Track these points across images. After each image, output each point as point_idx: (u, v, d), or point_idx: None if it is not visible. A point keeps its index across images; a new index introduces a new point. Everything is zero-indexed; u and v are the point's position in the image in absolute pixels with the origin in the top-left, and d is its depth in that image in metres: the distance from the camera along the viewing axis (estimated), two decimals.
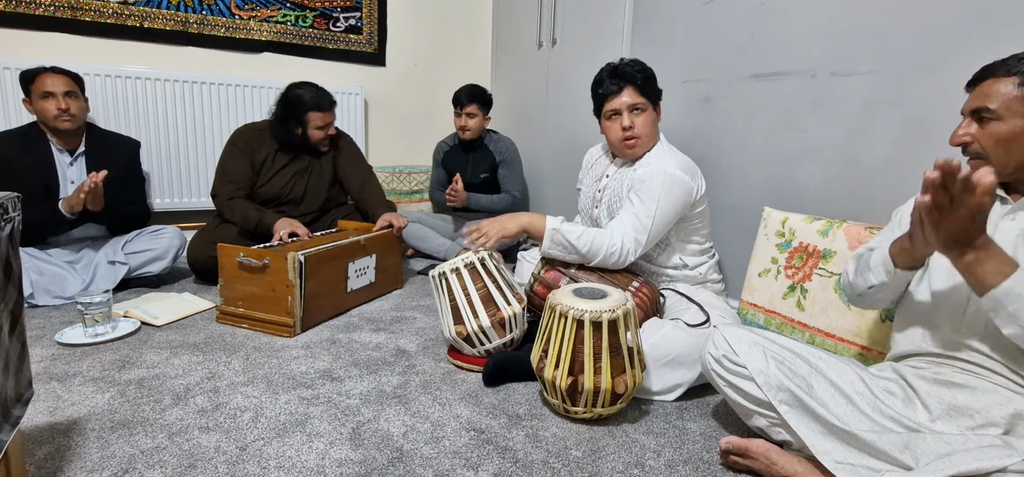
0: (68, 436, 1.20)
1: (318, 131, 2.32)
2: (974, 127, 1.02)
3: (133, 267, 2.16)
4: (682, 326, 1.47)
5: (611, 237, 1.61)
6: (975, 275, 0.90)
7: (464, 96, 2.85)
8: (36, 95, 2.06)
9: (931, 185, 0.86)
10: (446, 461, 1.16)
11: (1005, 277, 0.88)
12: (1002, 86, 0.98)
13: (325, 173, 2.46)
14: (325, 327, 1.89)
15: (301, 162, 2.40)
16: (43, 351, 1.61)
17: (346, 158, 2.50)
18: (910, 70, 1.46)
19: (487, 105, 2.92)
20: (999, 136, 0.98)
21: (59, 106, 2.05)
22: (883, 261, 1.10)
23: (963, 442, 0.93)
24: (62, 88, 2.07)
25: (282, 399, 1.39)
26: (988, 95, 1.00)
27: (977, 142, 1.01)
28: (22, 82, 2.09)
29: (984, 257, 0.89)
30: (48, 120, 2.07)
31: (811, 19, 1.70)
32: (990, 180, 0.83)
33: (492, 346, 1.58)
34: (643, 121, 1.67)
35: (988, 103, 0.99)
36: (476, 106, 2.86)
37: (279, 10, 2.93)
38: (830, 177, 1.68)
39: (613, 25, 2.46)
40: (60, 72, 2.10)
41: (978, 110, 1.01)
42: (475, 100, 2.85)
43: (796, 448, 1.11)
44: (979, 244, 0.89)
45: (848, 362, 1.15)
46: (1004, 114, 0.97)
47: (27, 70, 2.09)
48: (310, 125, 2.30)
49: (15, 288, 0.89)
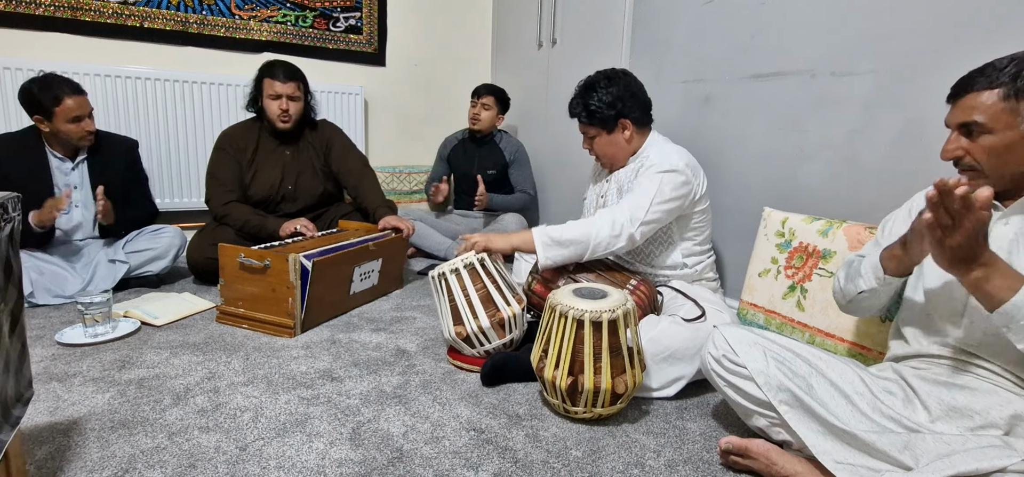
0: (68, 436, 1.20)
1: (272, 101, 2.28)
2: (964, 141, 1.01)
3: (133, 266, 2.16)
4: (679, 321, 1.47)
5: (602, 216, 1.62)
6: (984, 291, 0.90)
7: (483, 88, 2.94)
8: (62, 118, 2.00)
9: (930, 205, 0.86)
10: (446, 461, 1.16)
11: (1014, 292, 0.87)
12: (986, 98, 0.96)
13: (315, 166, 2.43)
14: (325, 327, 1.89)
15: (284, 154, 2.38)
16: (43, 351, 1.62)
17: (337, 149, 2.47)
18: (910, 70, 1.46)
19: (503, 103, 2.98)
20: (992, 148, 0.97)
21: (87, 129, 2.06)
22: (873, 267, 1.12)
23: (963, 443, 0.93)
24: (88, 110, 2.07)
25: (282, 399, 1.39)
26: (974, 108, 0.98)
27: (970, 155, 1.00)
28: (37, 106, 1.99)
29: (991, 273, 0.88)
30: (71, 140, 2.06)
31: (811, 19, 1.70)
32: (986, 194, 0.83)
33: (492, 347, 1.57)
34: (599, 146, 1.78)
35: (976, 117, 0.97)
36: (493, 99, 2.93)
37: (279, 10, 2.93)
38: (830, 177, 1.68)
39: (613, 25, 2.46)
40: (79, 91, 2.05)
41: (966, 124, 0.99)
42: (493, 93, 2.93)
43: (796, 448, 1.11)
44: (985, 260, 0.88)
45: (848, 362, 1.15)
46: (994, 126, 0.96)
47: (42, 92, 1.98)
48: (264, 93, 2.28)
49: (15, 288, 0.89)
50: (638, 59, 2.36)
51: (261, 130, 2.37)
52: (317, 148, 2.44)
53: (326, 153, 2.46)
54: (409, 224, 2.30)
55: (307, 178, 2.42)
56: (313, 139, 2.44)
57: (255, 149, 2.34)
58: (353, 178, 2.45)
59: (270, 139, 2.37)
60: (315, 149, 2.44)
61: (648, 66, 2.29)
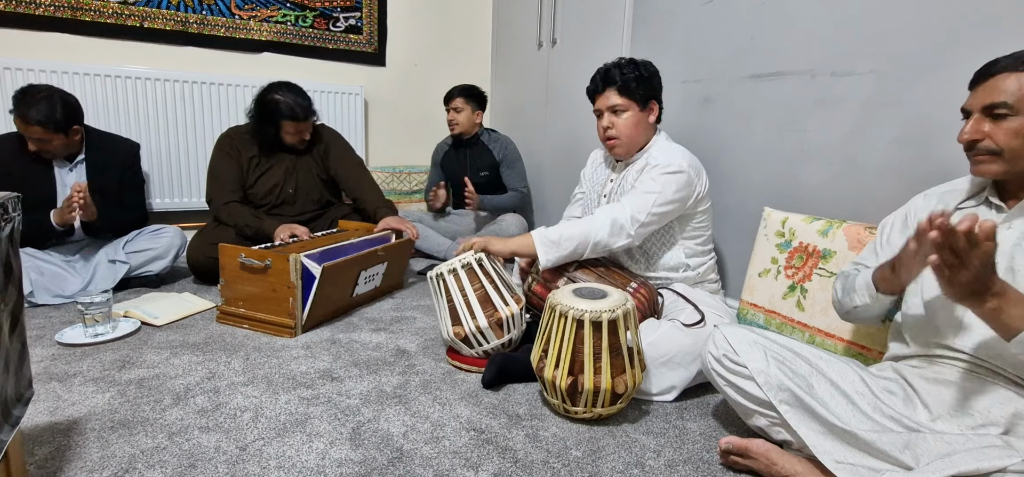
0: (68, 436, 1.20)
1: (291, 137, 2.31)
2: (986, 124, 1.00)
3: (133, 266, 2.16)
4: (678, 326, 1.47)
5: (602, 215, 1.62)
6: (1000, 322, 0.89)
7: (452, 91, 2.89)
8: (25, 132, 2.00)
9: (934, 246, 0.83)
10: (446, 461, 1.16)
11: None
12: (1013, 81, 0.97)
13: (313, 170, 2.44)
14: (325, 327, 1.89)
15: (287, 160, 2.39)
16: (43, 351, 1.61)
17: (336, 154, 2.48)
18: (910, 70, 1.46)
19: (476, 100, 2.92)
20: (1017, 131, 0.97)
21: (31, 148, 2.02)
22: (867, 285, 1.13)
23: (963, 442, 0.93)
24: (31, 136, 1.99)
25: (282, 399, 1.39)
26: (1001, 90, 0.98)
27: (990, 139, 0.99)
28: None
29: (1005, 303, 0.87)
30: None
31: (811, 19, 1.70)
32: (991, 225, 0.82)
33: (490, 347, 1.57)
34: (623, 122, 1.70)
35: (1003, 98, 0.97)
36: (462, 100, 2.88)
37: (279, 10, 2.93)
38: (830, 177, 1.68)
39: (613, 25, 2.46)
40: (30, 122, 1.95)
41: (991, 106, 0.99)
42: (462, 94, 2.87)
43: (796, 448, 1.11)
44: (997, 290, 0.87)
45: (848, 362, 1.15)
46: (1021, 108, 0.96)
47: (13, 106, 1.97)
48: (283, 132, 2.29)
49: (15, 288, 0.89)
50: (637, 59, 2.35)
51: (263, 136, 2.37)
52: (316, 153, 2.46)
53: (325, 157, 2.47)
54: (413, 227, 2.30)
55: (307, 182, 2.43)
56: (312, 144, 2.45)
57: (257, 154, 2.34)
58: (351, 181, 2.46)
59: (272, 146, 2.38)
60: (314, 154, 2.45)
61: None
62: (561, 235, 1.61)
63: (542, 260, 1.62)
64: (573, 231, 1.61)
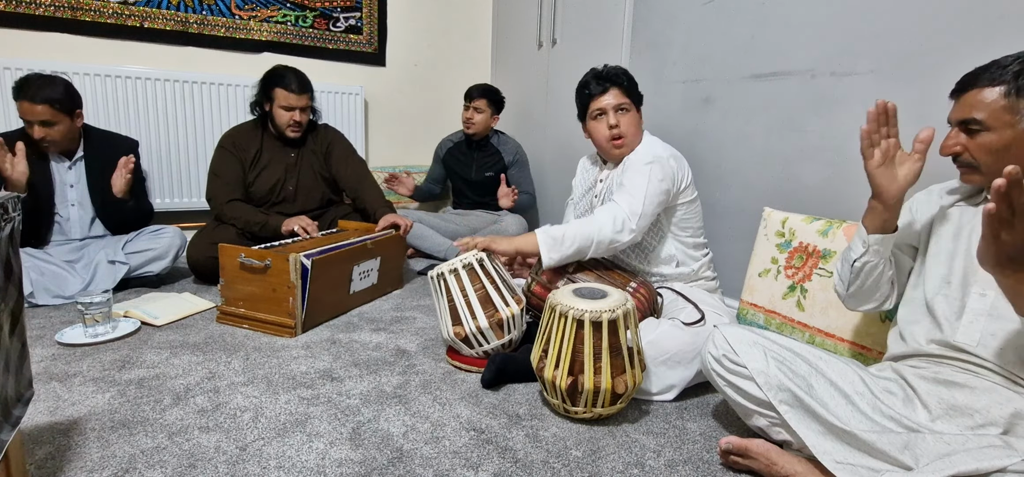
0: (68, 436, 1.20)
1: (283, 111, 2.28)
2: (963, 137, 1.01)
3: (133, 267, 2.16)
4: (678, 325, 1.47)
5: (603, 213, 1.63)
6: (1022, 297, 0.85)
7: (475, 90, 2.90)
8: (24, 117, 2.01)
9: (995, 195, 0.79)
10: (446, 461, 1.16)
11: None
12: (987, 95, 0.96)
13: (314, 168, 2.44)
14: (325, 327, 1.89)
15: (288, 157, 2.39)
16: (43, 351, 1.61)
17: (338, 154, 2.48)
18: (910, 70, 1.46)
19: (496, 104, 2.95)
20: (990, 147, 0.97)
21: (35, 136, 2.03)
22: (857, 233, 1.15)
23: (963, 442, 0.93)
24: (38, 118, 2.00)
25: (282, 399, 1.39)
26: (974, 105, 0.98)
27: (968, 153, 1.00)
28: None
29: None
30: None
31: (811, 19, 1.70)
32: None
33: (490, 347, 1.57)
34: (628, 121, 1.73)
35: (975, 114, 0.97)
36: (485, 101, 2.90)
37: (279, 10, 2.93)
38: (830, 177, 1.68)
39: (613, 25, 2.46)
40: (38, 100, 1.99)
41: (965, 121, 0.99)
42: (485, 95, 2.90)
43: (796, 448, 1.11)
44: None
45: (848, 362, 1.15)
46: (993, 124, 0.96)
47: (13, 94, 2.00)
48: (276, 102, 2.27)
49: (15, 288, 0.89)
50: (638, 59, 2.36)
51: (265, 132, 2.37)
52: (318, 151, 2.45)
53: (326, 156, 2.47)
54: (406, 220, 2.30)
55: (307, 180, 2.43)
56: (314, 142, 2.45)
57: (258, 151, 2.34)
58: (352, 182, 2.46)
59: (274, 141, 2.38)
60: (316, 152, 2.45)
61: (648, 66, 2.29)
62: (565, 233, 1.61)
63: (545, 258, 1.62)
64: (576, 230, 1.61)
